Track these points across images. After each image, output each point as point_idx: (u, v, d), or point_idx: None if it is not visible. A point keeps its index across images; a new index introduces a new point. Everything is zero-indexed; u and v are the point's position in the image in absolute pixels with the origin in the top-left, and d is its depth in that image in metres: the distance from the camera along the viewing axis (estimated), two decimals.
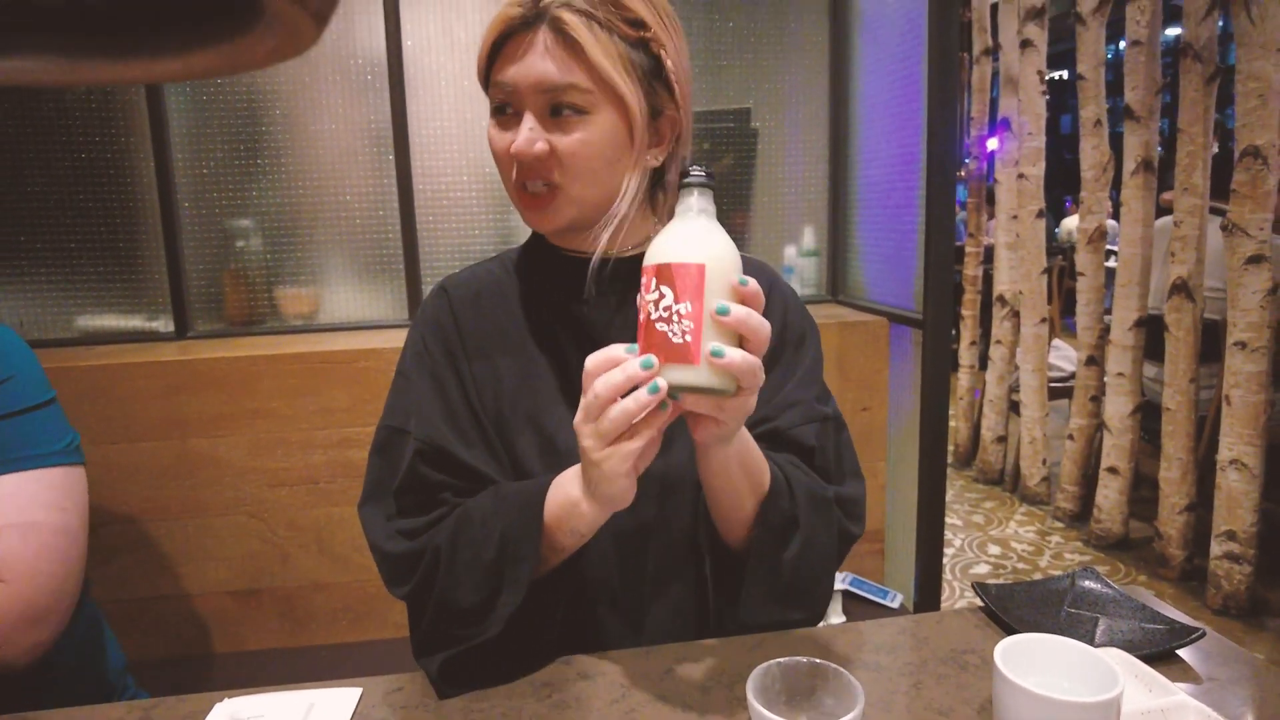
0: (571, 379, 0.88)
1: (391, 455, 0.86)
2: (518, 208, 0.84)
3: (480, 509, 0.79)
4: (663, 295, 0.64)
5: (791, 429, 0.87)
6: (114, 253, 1.93)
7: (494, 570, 0.75)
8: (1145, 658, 0.74)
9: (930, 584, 1.65)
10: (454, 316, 0.90)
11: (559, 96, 0.78)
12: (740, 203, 2.16)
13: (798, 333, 0.92)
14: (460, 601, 0.76)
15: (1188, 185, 2.48)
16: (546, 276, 0.91)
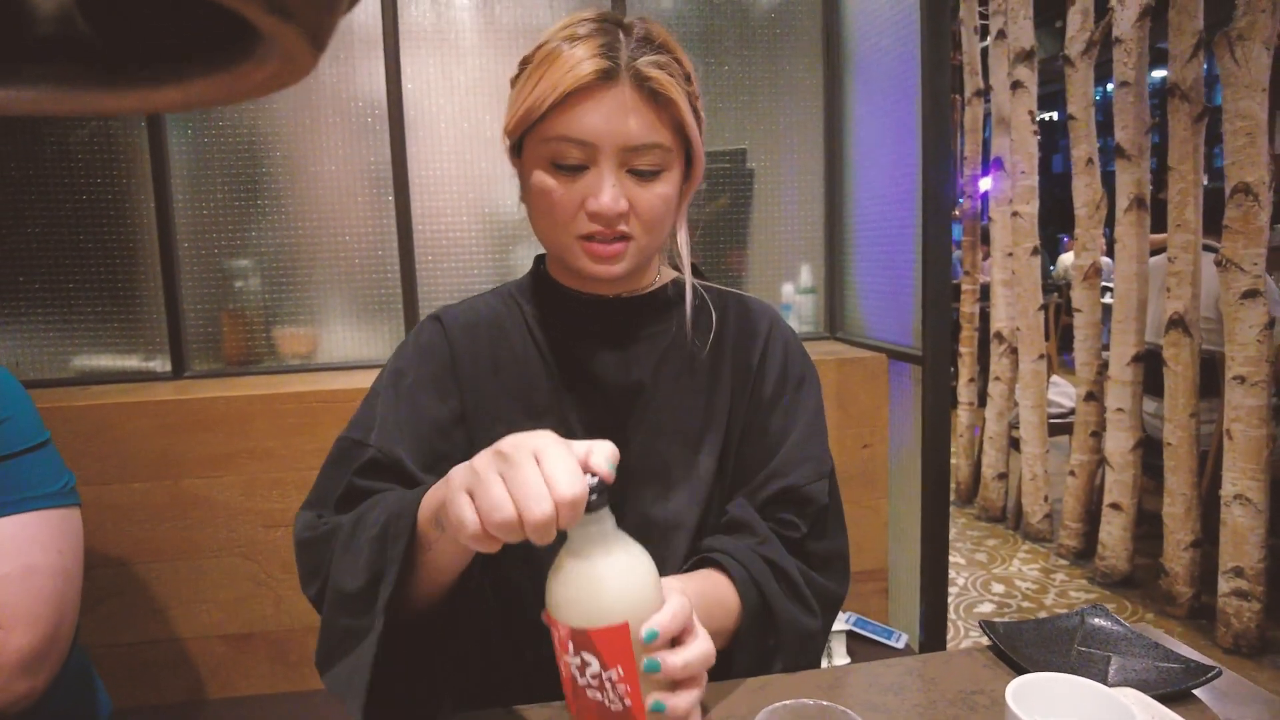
0: (570, 420, 0.87)
1: (345, 467, 0.82)
2: (574, 256, 0.81)
3: (386, 496, 0.76)
4: (586, 663, 0.57)
5: (807, 486, 0.87)
6: (112, 293, 1.93)
7: (377, 548, 0.69)
8: (1160, 698, 0.72)
9: (935, 623, 1.63)
10: (450, 346, 0.88)
11: (641, 155, 0.77)
12: (737, 241, 2.17)
13: (797, 375, 0.92)
14: (346, 585, 0.70)
15: (1180, 221, 2.50)
16: (551, 314, 0.90)
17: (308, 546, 0.78)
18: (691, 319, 0.89)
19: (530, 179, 0.80)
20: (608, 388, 0.87)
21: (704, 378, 0.89)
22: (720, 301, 0.92)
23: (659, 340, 0.89)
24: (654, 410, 0.87)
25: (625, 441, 0.86)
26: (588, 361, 0.87)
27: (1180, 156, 2.49)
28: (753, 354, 0.91)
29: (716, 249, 2.15)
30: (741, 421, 0.89)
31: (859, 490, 1.87)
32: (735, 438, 0.89)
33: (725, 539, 0.84)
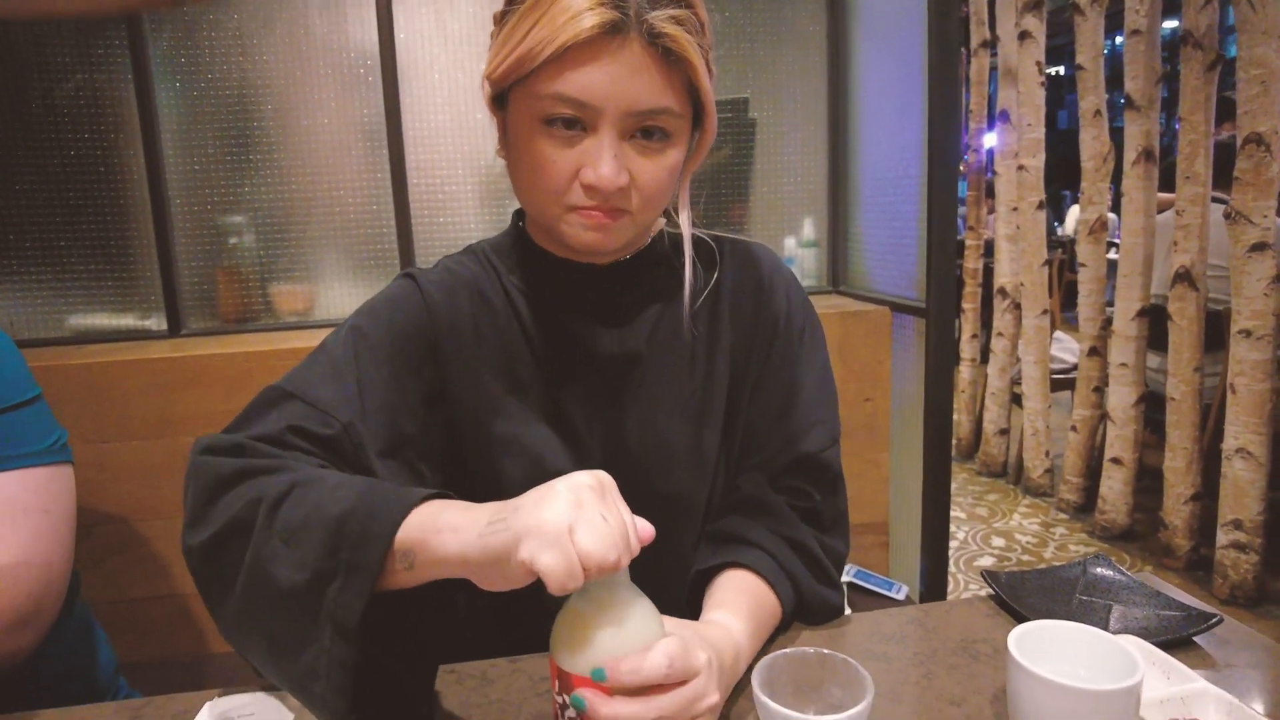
0: (559, 396, 0.80)
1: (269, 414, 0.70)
2: (563, 226, 0.71)
3: (336, 475, 0.64)
4: (566, 704, 0.55)
5: (820, 453, 0.83)
6: (105, 251, 1.90)
7: (330, 544, 0.57)
8: (1161, 645, 0.71)
9: (936, 575, 1.63)
10: (428, 311, 0.78)
11: (647, 121, 0.67)
12: (739, 194, 2.13)
13: (800, 325, 0.86)
14: (278, 577, 0.58)
15: (1190, 174, 2.46)
16: (532, 280, 0.81)
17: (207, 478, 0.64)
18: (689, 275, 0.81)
19: (516, 137, 0.71)
20: (599, 360, 0.80)
21: (703, 340, 0.83)
22: (715, 251, 0.86)
23: (652, 304, 0.82)
24: (651, 382, 0.81)
25: (622, 418, 0.81)
26: (576, 332, 0.80)
27: (1191, 107, 2.43)
28: (754, 310, 0.84)
29: (718, 201, 2.12)
30: (748, 383, 0.84)
31: (860, 444, 1.86)
32: (740, 405, 0.84)
33: (747, 524, 0.80)
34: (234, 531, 0.61)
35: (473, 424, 0.79)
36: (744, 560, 0.77)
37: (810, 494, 0.82)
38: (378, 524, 0.56)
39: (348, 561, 0.56)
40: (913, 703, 0.68)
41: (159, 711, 0.72)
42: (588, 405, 0.81)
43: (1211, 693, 0.63)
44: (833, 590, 0.82)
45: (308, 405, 0.70)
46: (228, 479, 0.64)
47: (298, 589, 0.57)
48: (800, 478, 0.82)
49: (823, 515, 0.83)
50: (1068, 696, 0.55)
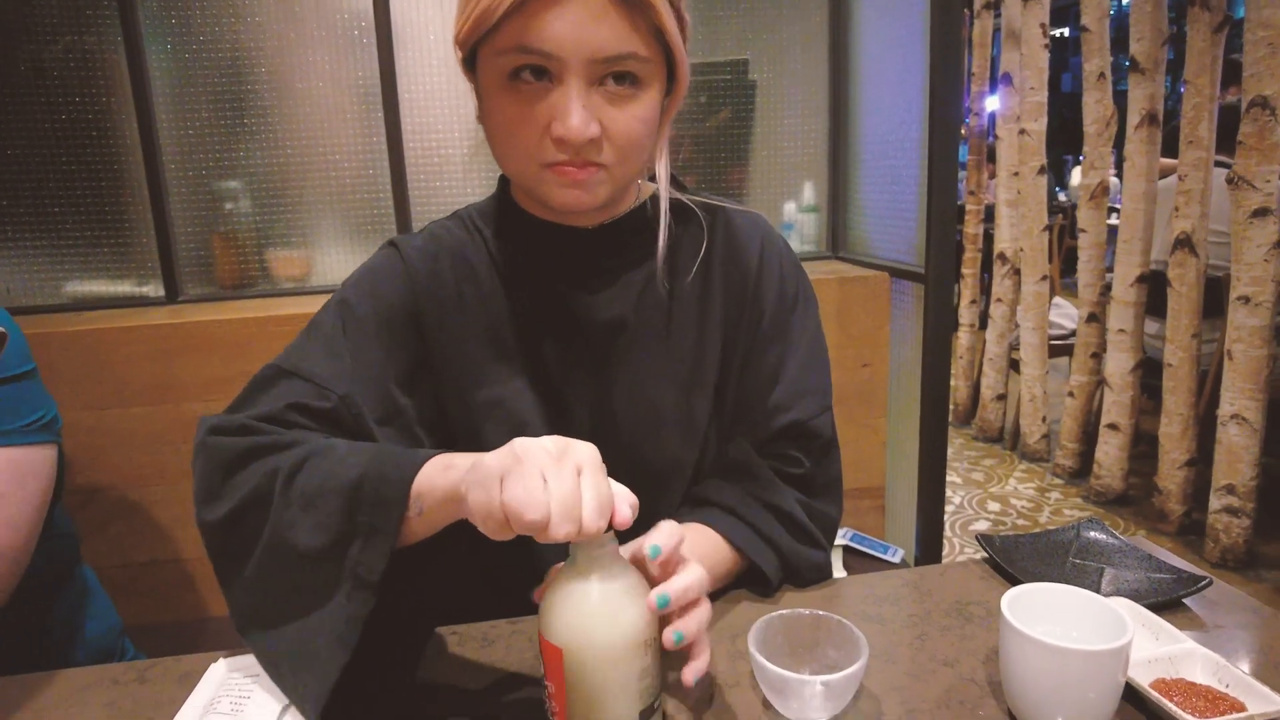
0: (544, 362, 0.80)
1: (268, 393, 0.73)
2: (540, 185, 0.70)
3: (344, 443, 0.67)
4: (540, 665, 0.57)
5: (811, 420, 0.83)
6: (100, 217, 1.89)
7: (347, 508, 0.61)
8: (1152, 606, 0.73)
9: (932, 538, 1.65)
10: (410, 281, 0.78)
11: (614, 67, 0.66)
12: (738, 158, 2.12)
13: (793, 295, 0.85)
14: (298, 542, 0.62)
15: (1193, 138, 2.44)
16: (517, 245, 0.81)
17: (219, 457, 0.67)
18: (674, 243, 0.81)
19: (485, 98, 0.70)
20: (585, 326, 0.79)
21: (693, 308, 0.82)
22: (706, 217, 0.84)
23: (639, 269, 0.81)
24: (638, 348, 0.81)
25: (609, 384, 0.81)
26: (562, 297, 0.79)
27: (1197, 69, 2.40)
28: (746, 276, 0.83)
29: (716, 165, 2.10)
30: (739, 353, 0.83)
31: (858, 409, 1.87)
32: (731, 372, 0.84)
33: (724, 487, 0.81)
34: (252, 504, 0.65)
35: (457, 391, 0.79)
36: (708, 521, 0.79)
37: (800, 460, 0.83)
38: (391, 487, 0.60)
39: (367, 524, 0.60)
40: (906, 663, 0.69)
41: (167, 672, 0.73)
42: (574, 371, 0.80)
43: (1199, 653, 0.65)
44: (817, 550, 0.83)
45: (304, 381, 0.72)
46: (241, 455, 0.67)
47: (318, 551, 0.61)
48: (790, 444, 0.83)
49: (813, 481, 0.84)
50: (1057, 656, 0.56)
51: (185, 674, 0.72)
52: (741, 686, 0.66)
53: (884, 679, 0.67)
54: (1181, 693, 0.61)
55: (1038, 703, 0.58)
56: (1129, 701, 0.61)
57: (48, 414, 0.93)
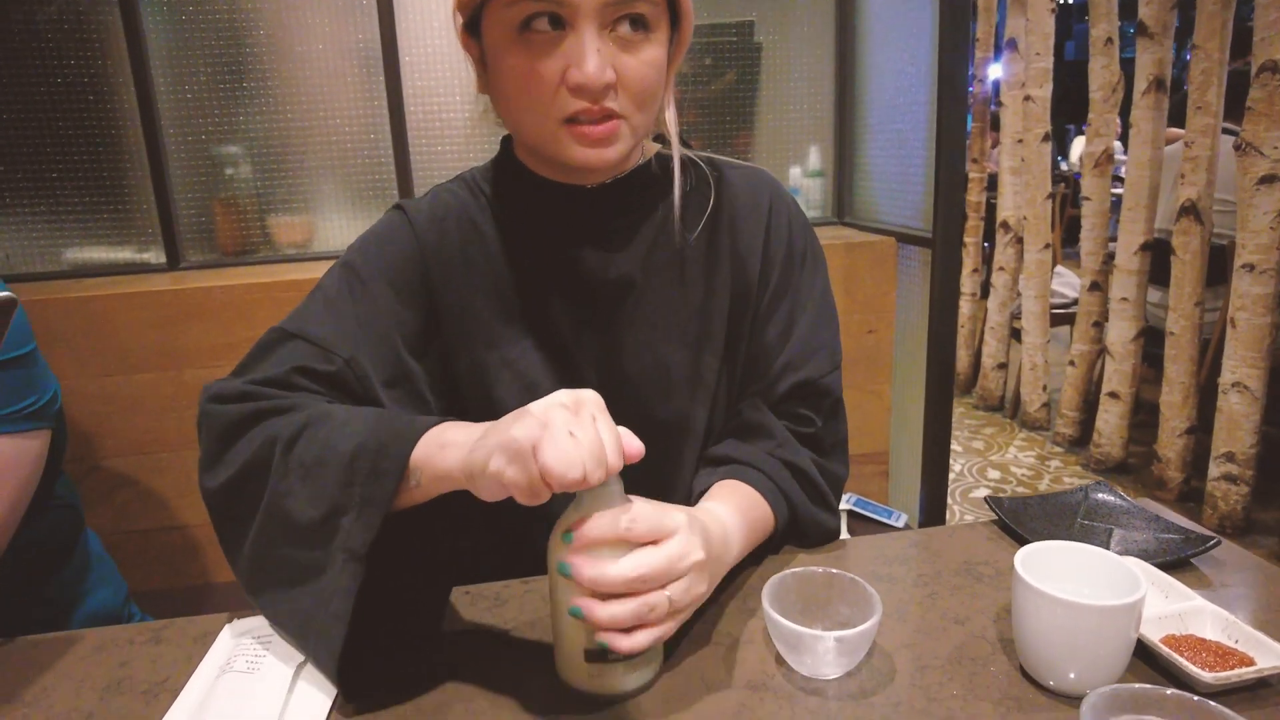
0: (553, 321, 0.80)
1: (273, 356, 0.73)
2: (559, 144, 0.69)
3: (344, 410, 0.67)
4: None
5: (822, 379, 0.83)
6: (99, 182, 1.87)
7: (343, 479, 0.60)
8: (1160, 566, 0.73)
9: (935, 504, 1.66)
10: (417, 242, 0.78)
11: (625, 10, 0.65)
12: (743, 121, 2.09)
13: (801, 252, 0.85)
14: (294, 512, 0.62)
15: (1201, 104, 2.41)
16: (522, 205, 0.81)
17: (220, 424, 0.68)
18: (681, 201, 0.80)
19: (495, 58, 0.69)
20: (593, 285, 0.79)
21: (699, 266, 0.82)
22: (713, 174, 0.84)
23: (647, 227, 0.80)
24: (646, 307, 0.80)
25: (618, 342, 0.81)
26: (567, 256, 0.79)
27: (1207, 33, 2.37)
28: (754, 234, 0.83)
29: (722, 129, 2.08)
30: (748, 312, 0.83)
31: (863, 375, 1.87)
32: (741, 330, 0.83)
33: (744, 446, 0.81)
34: (251, 472, 0.65)
35: (466, 352, 0.79)
36: (737, 476, 0.79)
37: (811, 419, 0.83)
38: (388, 459, 0.59)
39: (361, 495, 0.60)
40: (917, 621, 0.70)
41: (180, 633, 0.73)
42: (582, 331, 0.80)
43: (1208, 610, 0.65)
44: (828, 513, 0.83)
45: (309, 344, 0.72)
46: (241, 422, 0.67)
47: (313, 523, 0.61)
48: (801, 403, 0.83)
49: (823, 440, 0.84)
50: (1071, 612, 0.56)
51: (200, 634, 0.73)
52: (755, 643, 0.67)
53: (895, 636, 0.67)
54: (1192, 648, 0.61)
55: (1050, 659, 0.59)
56: (1139, 657, 0.62)
57: (41, 398, 0.91)
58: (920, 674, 0.62)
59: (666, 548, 0.56)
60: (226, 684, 0.63)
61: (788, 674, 0.63)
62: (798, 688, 0.61)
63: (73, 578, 1.04)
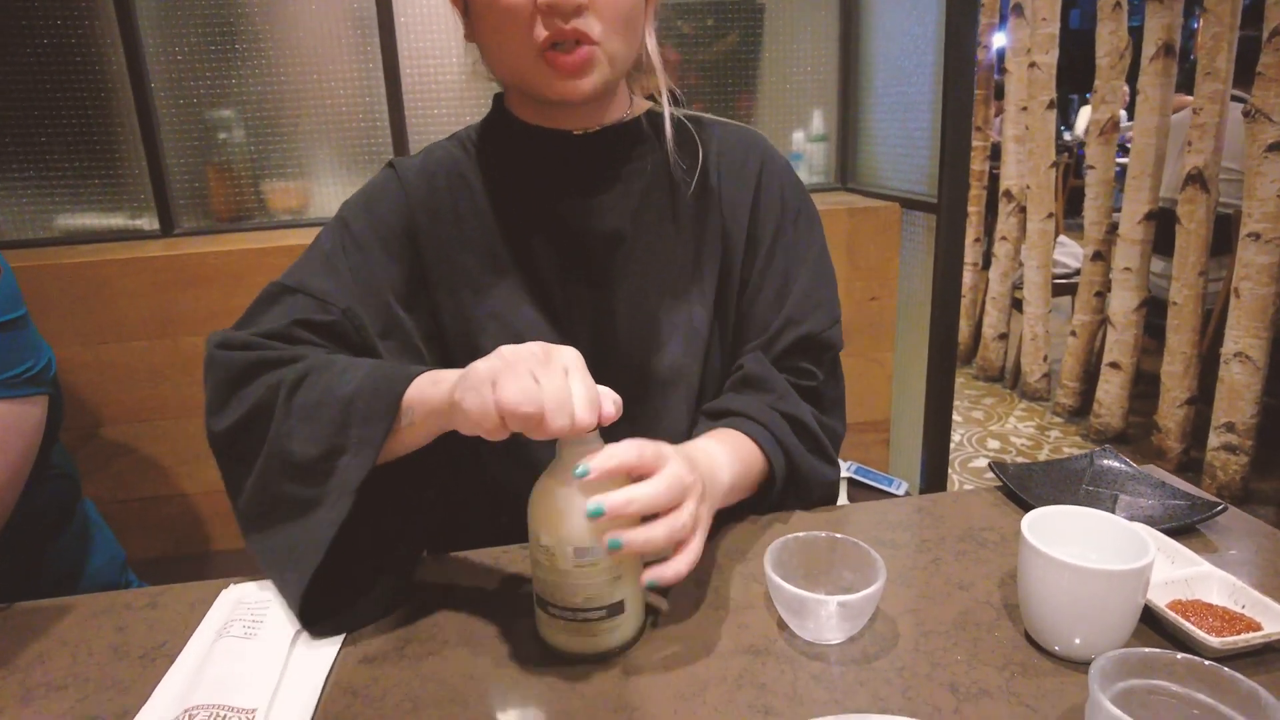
0: (541, 274, 0.81)
1: (274, 309, 0.75)
2: (536, 77, 0.71)
3: (345, 359, 0.70)
4: None
5: (824, 332, 0.83)
6: (89, 146, 1.84)
7: (340, 421, 0.64)
8: (1166, 532, 0.72)
9: (937, 472, 1.66)
10: (407, 198, 0.80)
11: None
12: (745, 85, 2.05)
13: (795, 208, 0.85)
14: (294, 452, 0.65)
15: (1210, 69, 2.37)
16: (514, 156, 0.82)
17: (227, 370, 0.70)
18: (672, 158, 0.81)
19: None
20: (581, 237, 0.80)
21: (689, 221, 0.82)
22: (704, 132, 0.84)
23: (636, 181, 0.81)
24: (637, 259, 0.81)
25: (609, 294, 0.81)
26: (556, 208, 0.80)
27: None
28: (745, 190, 0.84)
29: (723, 92, 2.04)
30: (738, 266, 0.84)
31: (865, 343, 1.86)
32: (731, 284, 0.84)
33: (741, 398, 0.81)
34: (256, 415, 0.68)
35: (453, 304, 0.81)
36: (734, 427, 0.78)
37: (813, 373, 0.84)
38: (381, 401, 0.63)
39: (357, 436, 0.63)
40: (921, 586, 0.69)
41: (177, 599, 0.73)
42: (570, 283, 0.81)
43: (1215, 575, 0.65)
44: (828, 465, 0.83)
45: (307, 296, 0.75)
46: (248, 369, 0.70)
47: (312, 461, 0.65)
48: (803, 357, 0.83)
49: (824, 395, 0.85)
50: (1079, 576, 0.56)
51: (197, 600, 0.72)
52: (756, 608, 0.66)
53: (898, 602, 0.67)
54: (1198, 613, 0.61)
55: (1056, 624, 0.58)
56: (1144, 623, 0.61)
57: (36, 363, 0.89)
58: (924, 639, 0.62)
59: (670, 467, 0.57)
60: (223, 649, 0.62)
61: (790, 639, 0.62)
62: (800, 652, 0.61)
63: (70, 546, 1.03)
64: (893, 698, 0.56)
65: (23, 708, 0.59)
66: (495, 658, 0.62)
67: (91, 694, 0.60)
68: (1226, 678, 0.46)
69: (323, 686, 0.59)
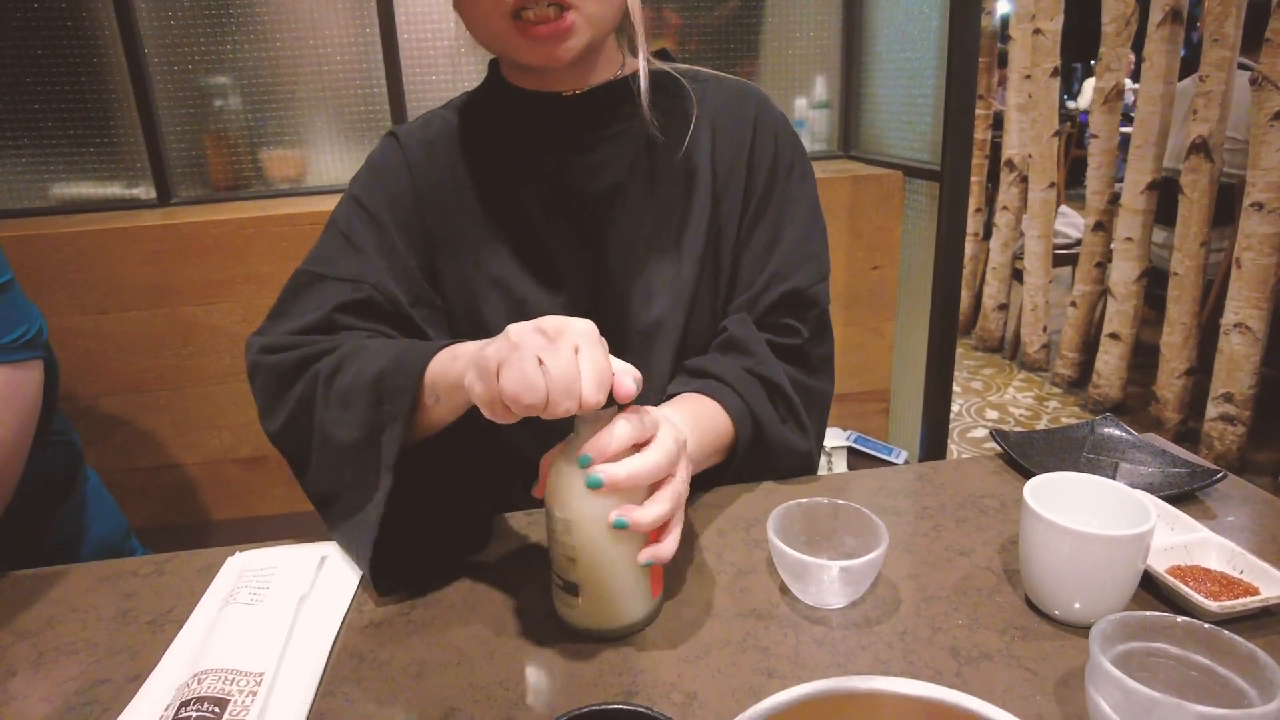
0: (538, 237, 0.82)
1: (307, 298, 0.77)
2: (510, 43, 0.70)
3: (377, 343, 0.72)
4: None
5: (810, 288, 0.83)
6: (83, 113, 1.82)
7: (373, 401, 0.66)
8: (1166, 499, 0.73)
9: (937, 441, 1.67)
10: (408, 167, 0.81)
11: None
12: (747, 50, 2.03)
13: (788, 162, 0.85)
14: (338, 437, 0.68)
15: (1218, 35, 2.34)
16: (508, 120, 0.82)
17: (273, 374, 0.73)
18: (664, 115, 0.81)
19: None
20: (576, 196, 0.81)
21: (681, 176, 0.83)
22: (698, 87, 0.84)
23: (630, 138, 0.81)
24: (630, 214, 0.82)
25: (601, 253, 0.82)
26: (550, 169, 0.81)
27: None
28: (738, 144, 0.83)
29: (725, 57, 2.01)
30: (732, 219, 0.84)
31: (866, 313, 1.85)
32: (726, 238, 0.84)
33: (721, 360, 0.81)
34: (302, 409, 0.71)
35: (458, 272, 0.82)
36: (706, 391, 0.79)
37: (797, 329, 0.83)
38: (404, 376, 0.64)
39: (389, 413, 0.64)
40: (922, 552, 0.69)
41: (184, 566, 0.74)
42: (567, 243, 0.82)
43: (1214, 541, 0.65)
44: (800, 434, 0.82)
45: (337, 280, 0.76)
46: (293, 370, 0.72)
47: (357, 445, 0.66)
48: (788, 313, 0.83)
49: (809, 353, 0.85)
50: (1080, 542, 0.56)
51: (203, 567, 0.73)
52: (759, 573, 0.67)
53: (900, 567, 0.67)
54: (1197, 578, 0.61)
55: (1057, 588, 0.59)
56: (1143, 588, 0.62)
57: (30, 328, 0.89)
58: (925, 604, 0.62)
59: (665, 433, 0.58)
60: (230, 615, 0.63)
61: (792, 603, 0.63)
62: (802, 617, 0.61)
63: (73, 512, 1.04)
64: (894, 661, 0.56)
65: (34, 671, 0.60)
66: (500, 623, 0.62)
67: (102, 658, 0.61)
68: (1225, 640, 0.47)
69: (330, 651, 0.60)
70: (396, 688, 0.56)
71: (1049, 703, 0.52)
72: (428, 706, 0.54)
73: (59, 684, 0.58)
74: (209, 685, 0.54)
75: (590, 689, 0.55)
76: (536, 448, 0.62)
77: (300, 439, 0.72)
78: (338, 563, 0.71)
